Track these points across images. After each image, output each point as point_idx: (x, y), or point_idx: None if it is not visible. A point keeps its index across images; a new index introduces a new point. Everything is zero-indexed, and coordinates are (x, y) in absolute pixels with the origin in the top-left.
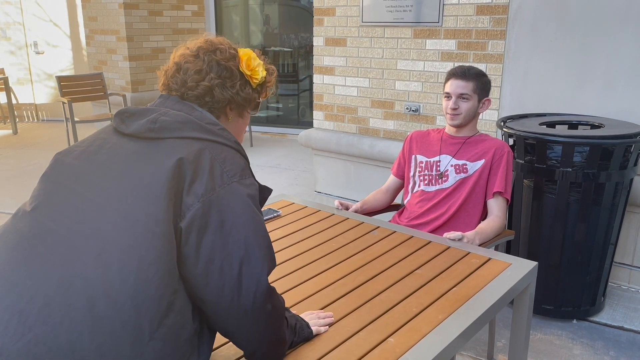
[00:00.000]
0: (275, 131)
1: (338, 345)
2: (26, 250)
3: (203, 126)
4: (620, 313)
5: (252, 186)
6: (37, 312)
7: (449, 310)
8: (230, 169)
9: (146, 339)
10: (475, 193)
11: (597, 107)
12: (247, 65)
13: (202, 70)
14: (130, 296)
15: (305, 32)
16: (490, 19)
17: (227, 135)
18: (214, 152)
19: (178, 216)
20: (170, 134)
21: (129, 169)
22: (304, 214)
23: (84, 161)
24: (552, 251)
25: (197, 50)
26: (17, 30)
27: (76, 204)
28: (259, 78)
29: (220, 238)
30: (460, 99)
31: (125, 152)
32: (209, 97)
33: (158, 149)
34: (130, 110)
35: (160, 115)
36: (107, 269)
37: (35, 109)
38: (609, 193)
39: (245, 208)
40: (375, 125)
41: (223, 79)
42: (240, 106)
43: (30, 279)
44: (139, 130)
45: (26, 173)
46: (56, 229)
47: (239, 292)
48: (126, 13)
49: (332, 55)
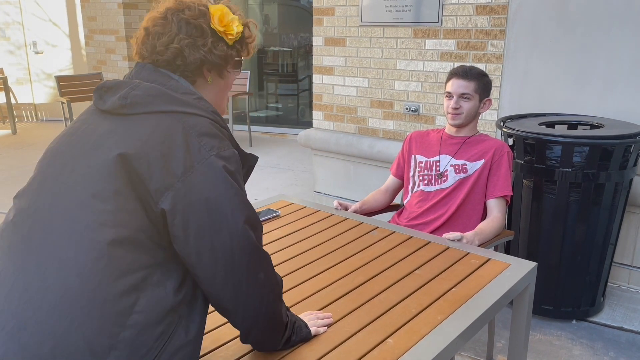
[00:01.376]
0: (274, 131)
1: (337, 346)
2: (8, 238)
3: (176, 98)
4: (620, 313)
5: (231, 158)
6: (18, 298)
7: (448, 311)
8: (207, 142)
9: (127, 314)
10: (474, 193)
11: (597, 107)
12: (219, 21)
13: (170, 33)
14: (104, 274)
15: (304, 32)
16: (490, 19)
17: (203, 106)
18: (188, 125)
19: (155, 195)
20: (142, 109)
21: (98, 149)
22: (303, 214)
23: (61, 145)
24: (551, 251)
25: (165, 12)
26: (16, 29)
27: (49, 187)
28: (234, 34)
29: (207, 217)
30: (461, 99)
31: (99, 132)
32: (180, 59)
33: (126, 126)
34: (107, 84)
35: (132, 89)
36: (79, 249)
37: (35, 108)
38: (608, 193)
39: (227, 182)
40: (374, 125)
41: (193, 38)
42: (218, 66)
43: (11, 266)
44: (113, 106)
45: (25, 173)
46: (33, 214)
47: (232, 261)
48: (125, 13)
49: (331, 55)
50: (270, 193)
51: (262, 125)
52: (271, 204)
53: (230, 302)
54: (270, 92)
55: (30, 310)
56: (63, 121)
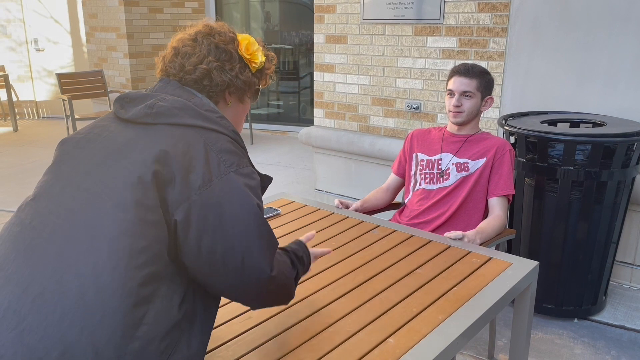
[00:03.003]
0: (275, 129)
1: (337, 345)
2: (25, 240)
3: (201, 113)
4: (622, 312)
5: (250, 175)
6: (31, 301)
7: (449, 310)
8: (227, 159)
9: (137, 325)
10: (476, 192)
11: (599, 105)
12: (246, 49)
13: (200, 54)
14: (119, 284)
15: (305, 30)
16: (492, 17)
17: (225, 124)
18: (210, 140)
19: (171, 206)
20: (166, 120)
21: (122, 158)
22: (304, 213)
23: (82, 150)
24: (553, 250)
25: (195, 34)
26: (17, 27)
27: (72, 193)
28: (258, 63)
29: (220, 231)
30: (463, 97)
31: (121, 141)
32: (207, 80)
33: (150, 135)
34: (130, 95)
35: (158, 100)
36: (98, 258)
37: (36, 106)
38: (610, 192)
39: (244, 199)
40: (375, 123)
41: (222, 61)
42: (240, 90)
43: (27, 268)
44: (137, 115)
45: (26, 170)
46: (53, 219)
47: (243, 280)
48: (126, 10)
49: (332, 52)
50: (271, 191)
51: (263, 122)
52: (272, 202)
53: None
54: (271, 90)
55: (42, 314)
56: (64, 119)
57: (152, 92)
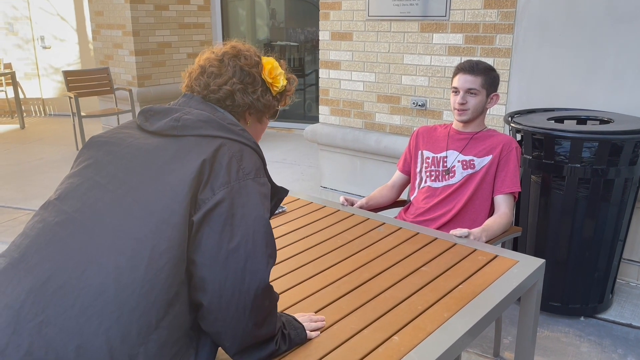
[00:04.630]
0: (281, 126)
1: (342, 343)
2: (48, 235)
3: (224, 125)
4: (629, 310)
5: (265, 185)
6: (51, 293)
7: (454, 308)
8: (246, 167)
9: (153, 327)
10: (482, 189)
11: (606, 102)
12: (269, 73)
13: (225, 75)
14: (140, 284)
15: (311, 26)
16: (498, 13)
17: (247, 135)
18: (233, 149)
19: (194, 209)
20: (191, 132)
21: (149, 164)
22: (310, 210)
23: (108, 154)
24: (559, 248)
25: (222, 55)
26: (24, 24)
27: (98, 195)
28: (280, 87)
29: (228, 229)
30: (468, 94)
31: (148, 147)
32: (229, 100)
33: (179, 146)
34: (154, 109)
35: (184, 114)
36: (120, 257)
37: (42, 103)
38: (617, 189)
39: (257, 204)
40: (381, 120)
41: (245, 84)
42: (260, 112)
43: (48, 261)
44: (163, 128)
45: (33, 168)
46: (78, 217)
47: (241, 286)
48: (132, 7)
49: (338, 49)
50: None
51: None
52: None
53: (229, 321)
54: None
55: (61, 307)
56: (71, 116)
57: (176, 106)
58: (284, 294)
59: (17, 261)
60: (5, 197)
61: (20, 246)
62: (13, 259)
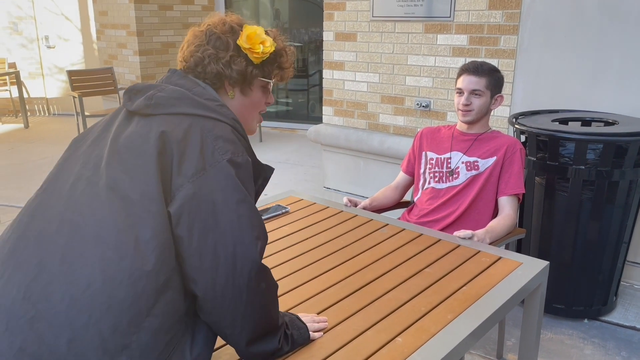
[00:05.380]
0: (284, 126)
1: (345, 344)
2: (35, 230)
3: (198, 101)
4: (633, 313)
5: (244, 165)
6: (40, 289)
7: (458, 309)
8: (223, 146)
9: (144, 315)
10: (486, 191)
11: (611, 104)
12: (247, 38)
13: (200, 43)
14: (127, 274)
15: (315, 27)
16: (503, 14)
17: (224, 112)
18: (206, 128)
19: (168, 196)
20: (164, 110)
21: (124, 152)
22: (313, 211)
23: (88, 146)
24: (563, 250)
25: (205, 27)
26: (29, 24)
27: (80, 187)
28: (260, 53)
29: (212, 219)
30: (472, 95)
31: (125, 135)
32: (200, 67)
33: (149, 127)
34: (137, 87)
35: (157, 91)
36: (105, 248)
37: (46, 103)
38: (622, 191)
39: (237, 187)
40: (385, 121)
41: (217, 50)
42: (238, 81)
43: (36, 257)
44: (139, 106)
45: (37, 167)
46: (62, 210)
47: (234, 271)
48: (136, 7)
49: (342, 50)
50: (280, 189)
51: (272, 120)
52: (281, 200)
53: (228, 310)
54: (280, 87)
55: (51, 302)
56: (74, 115)
57: (158, 82)
58: (287, 295)
59: (6, 257)
60: (9, 196)
61: (9, 241)
62: (2, 254)
